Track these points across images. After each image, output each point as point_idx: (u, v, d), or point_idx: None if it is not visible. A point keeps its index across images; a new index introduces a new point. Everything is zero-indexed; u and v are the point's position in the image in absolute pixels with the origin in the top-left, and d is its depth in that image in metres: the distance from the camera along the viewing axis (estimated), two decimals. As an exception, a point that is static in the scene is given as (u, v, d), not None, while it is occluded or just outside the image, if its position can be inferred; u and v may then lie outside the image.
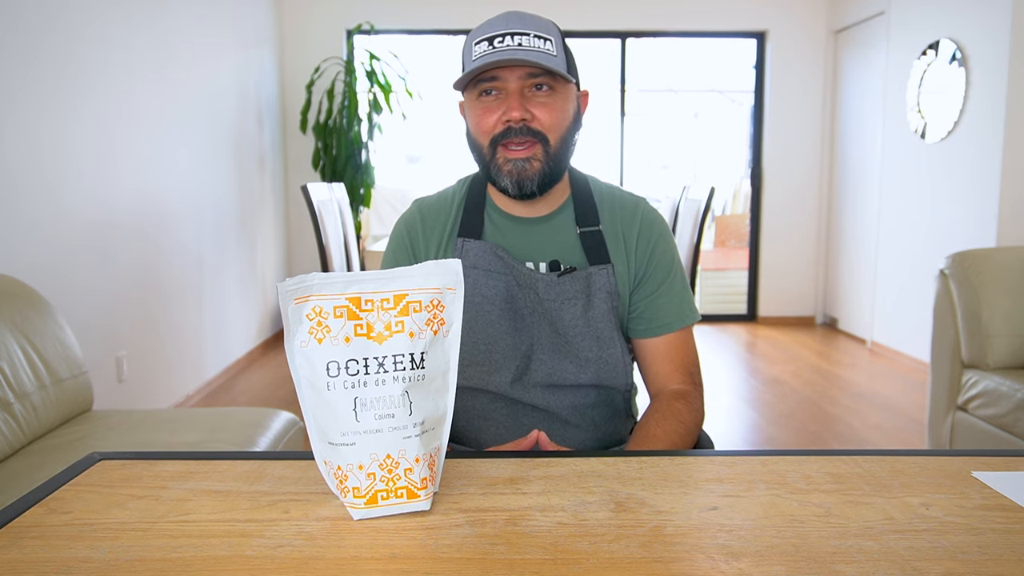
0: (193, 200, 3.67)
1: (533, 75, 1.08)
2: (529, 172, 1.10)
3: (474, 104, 1.12)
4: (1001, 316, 2.41)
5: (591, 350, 1.14)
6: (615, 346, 1.16)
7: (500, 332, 1.14)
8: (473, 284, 1.13)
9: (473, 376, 1.15)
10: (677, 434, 1.09)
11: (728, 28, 5.41)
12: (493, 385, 1.15)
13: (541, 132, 1.09)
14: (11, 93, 2.33)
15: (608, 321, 1.15)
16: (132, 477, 0.86)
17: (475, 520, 0.75)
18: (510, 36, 1.06)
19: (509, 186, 1.11)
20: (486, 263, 1.14)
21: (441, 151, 7.82)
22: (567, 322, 1.13)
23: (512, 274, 1.14)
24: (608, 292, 1.14)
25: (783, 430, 3.28)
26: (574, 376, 1.15)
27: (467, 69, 1.09)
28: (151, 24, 3.24)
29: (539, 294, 1.13)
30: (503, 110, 1.09)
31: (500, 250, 1.14)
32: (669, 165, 8.80)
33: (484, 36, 1.08)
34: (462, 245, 1.15)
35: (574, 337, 1.14)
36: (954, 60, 3.94)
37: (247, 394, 3.83)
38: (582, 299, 1.13)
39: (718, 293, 6.27)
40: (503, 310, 1.14)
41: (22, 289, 1.99)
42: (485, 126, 1.10)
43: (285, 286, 0.76)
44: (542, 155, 1.10)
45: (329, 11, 5.17)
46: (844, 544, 0.69)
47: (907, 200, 4.44)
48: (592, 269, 1.14)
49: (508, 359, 1.14)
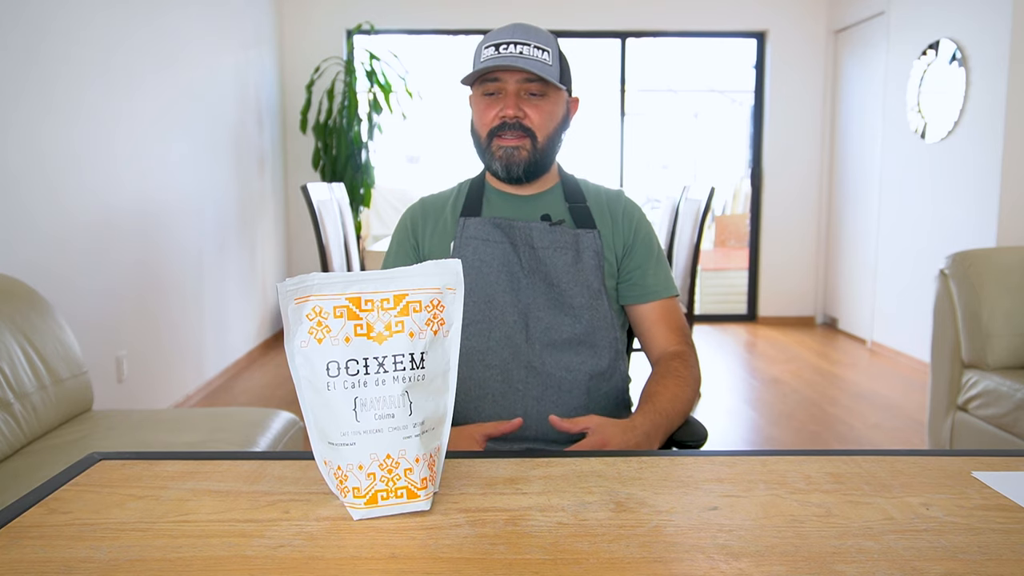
0: (193, 200, 3.67)
1: (529, 80, 1.25)
2: (516, 159, 1.27)
3: (478, 100, 1.29)
4: (1001, 316, 2.41)
5: (582, 297, 1.26)
6: (602, 299, 1.28)
7: (498, 291, 1.26)
8: (474, 252, 1.27)
9: (474, 335, 1.24)
10: (678, 386, 1.21)
11: (728, 28, 5.41)
12: (494, 341, 1.24)
13: (531, 129, 1.26)
14: (12, 94, 2.33)
15: (595, 275, 1.28)
16: (132, 477, 0.86)
17: (475, 520, 0.75)
18: (514, 45, 1.23)
19: (500, 169, 1.28)
20: (484, 234, 1.28)
21: (441, 151, 7.82)
22: (560, 270, 1.26)
23: (509, 239, 1.27)
24: (595, 251, 1.28)
25: (783, 430, 3.28)
26: (570, 328, 1.25)
27: (475, 68, 1.26)
28: (151, 24, 3.24)
29: (533, 245, 1.27)
30: (500, 107, 1.26)
31: (498, 219, 1.28)
32: (669, 165, 8.81)
33: (493, 42, 1.25)
34: (464, 222, 1.29)
35: (567, 285, 1.26)
36: (954, 60, 3.94)
37: (247, 394, 3.83)
38: (571, 251, 1.27)
39: (718, 293, 6.27)
40: (500, 272, 1.26)
41: (22, 289, 1.99)
42: (485, 119, 1.28)
43: (285, 286, 0.76)
44: (530, 147, 1.27)
45: (329, 11, 5.17)
46: (844, 544, 0.69)
47: (907, 200, 4.44)
48: (580, 231, 1.29)
49: (507, 315, 1.25)
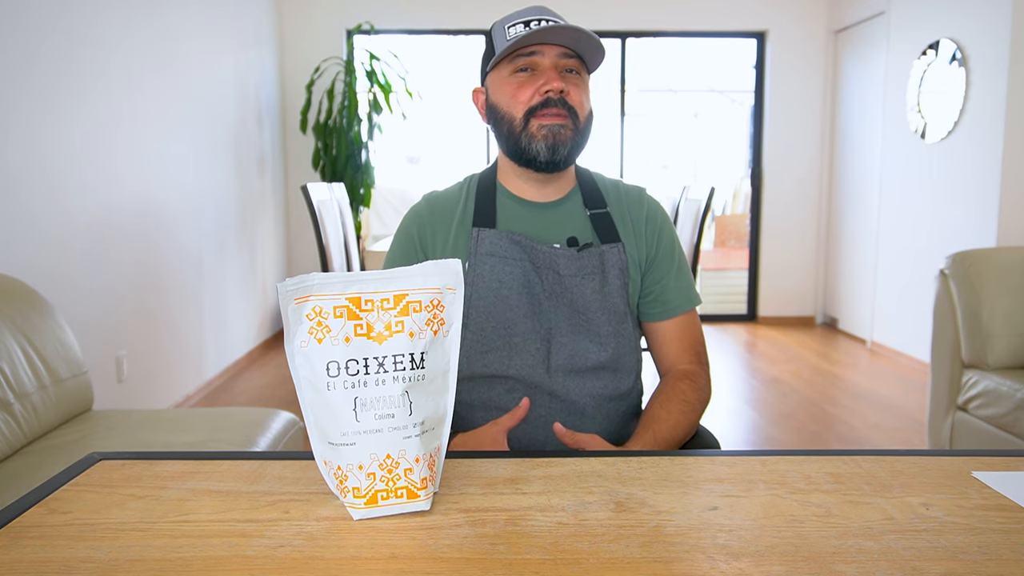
0: (193, 200, 3.67)
1: (567, 56, 1.15)
2: (563, 137, 1.14)
3: (507, 80, 1.17)
4: (1001, 316, 2.41)
5: (609, 324, 1.18)
6: (627, 322, 1.21)
7: (519, 316, 1.16)
8: (490, 271, 1.16)
9: (494, 362, 1.17)
10: (682, 413, 1.14)
11: (728, 28, 5.41)
12: (514, 370, 1.17)
13: (573, 107, 1.15)
14: (12, 94, 2.33)
15: (621, 296, 1.20)
16: (132, 477, 0.86)
17: (475, 520, 0.75)
18: (545, 20, 1.13)
19: (542, 151, 1.15)
20: (502, 250, 1.17)
21: (441, 151, 7.82)
22: (587, 298, 1.17)
23: (530, 258, 1.17)
24: (620, 269, 1.19)
25: (783, 430, 3.28)
26: (595, 356, 1.17)
27: (503, 48, 1.14)
28: (151, 24, 3.24)
29: (559, 272, 1.17)
30: (541, 82, 1.14)
31: (516, 235, 1.17)
32: (669, 165, 8.80)
33: (519, 20, 1.15)
34: (477, 234, 1.18)
35: (593, 313, 1.17)
36: (954, 60, 3.94)
37: (247, 394, 3.83)
38: (598, 275, 1.18)
39: (718, 293, 6.27)
40: (521, 295, 1.17)
41: (22, 289, 1.99)
42: (521, 97, 1.15)
43: (285, 286, 0.76)
44: (573, 127, 1.15)
45: (329, 11, 5.17)
46: (844, 544, 0.69)
47: (907, 200, 4.44)
48: (604, 247, 1.19)
49: (528, 342, 1.17)
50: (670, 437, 1.12)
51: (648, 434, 1.11)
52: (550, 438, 1.17)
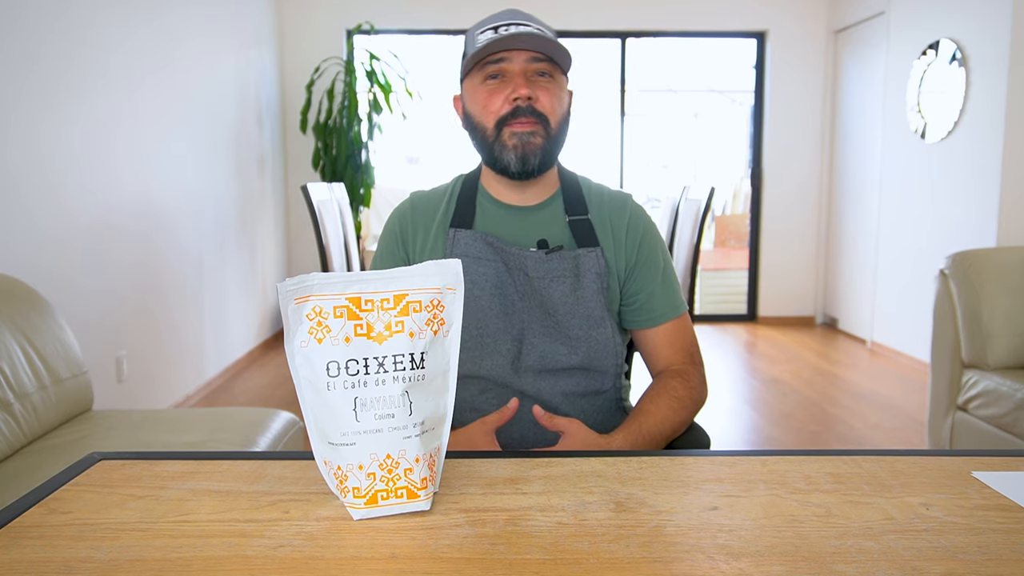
0: (193, 200, 3.67)
1: (537, 60, 1.14)
2: (532, 146, 1.15)
3: (479, 88, 1.17)
4: (1001, 316, 2.41)
5: (581, 328, 1.17)
6: (605, 326, 1.19)
7: (490, 316, 1.17)
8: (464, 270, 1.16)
9: (465, 362, 1.17)
10: (671, 409, 1.14)
11: (728, 28, 5.41)
12: (485, 370, 1.17)
13: (543, 114, 1.15)
14: (12, 94, 2.33)
15: (598, 301, 1.18)
16: (132, 477, 0.86)
17: (475, 520, 0.75)
18: (515, 25, 1.13)
19: (513, 161, 1.15)
20: (476, 251, 1.18)
21: (441, 151, 7.81)
22: (556, 300, 1.17)
23: (502, 259, 1.17)
24: (597, 273, 1.18)
25: (783, 430, 3.28)
26: (565, 358, 1.17)
27: (474, 54, 1.14)
28: (151, 24, 3.24)
29: (528, 273, 1.16)
30: (509, 90, 1.14)
31: (489, 237, 1.18)
32: (669, 165, 8.80)
33: (489, 26, 1.14)
34: (454, 235, 1.19)
35: (564, 316, 1.17)
36: (954, 60, 3.94)
37: (247, 394, 3.83)
38: (571, 278, 1.17)
39: (718, 293, 6.27)
40: (493, 295, 1.17)
41: (22, 289, 1.99)
42: (492, 107, 1.15)
43: (285, 286, 0.76)
44: (543, 133, 1.15)
45: (329, 11, 5.17)
46: (844, 544, 0.69)
47: (907, 200, 4.44)
48: (581, 251, 1.18)
49: (499, 343, 1.17)
50: (657, 431, 1.11)
51: (634, 425, 1.11)
52: (526, 436, 1.17)
